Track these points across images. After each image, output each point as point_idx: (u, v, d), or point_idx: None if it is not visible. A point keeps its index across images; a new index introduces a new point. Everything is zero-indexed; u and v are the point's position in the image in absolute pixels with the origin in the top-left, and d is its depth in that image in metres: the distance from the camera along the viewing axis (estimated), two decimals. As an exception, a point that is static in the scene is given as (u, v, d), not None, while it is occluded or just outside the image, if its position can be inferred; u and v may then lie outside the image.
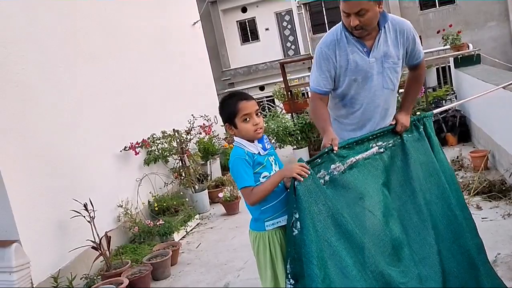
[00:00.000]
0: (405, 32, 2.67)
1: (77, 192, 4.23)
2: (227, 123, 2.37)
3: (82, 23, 5.03)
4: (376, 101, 2.71)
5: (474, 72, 6.30)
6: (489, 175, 4.85)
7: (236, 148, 2.36)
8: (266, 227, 2.35)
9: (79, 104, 4.70)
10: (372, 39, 2.63)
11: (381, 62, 2.65)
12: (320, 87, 2.73)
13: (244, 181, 2.26)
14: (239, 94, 2.43)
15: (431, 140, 2.73)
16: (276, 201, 2.34)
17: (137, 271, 3.99)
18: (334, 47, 2.65)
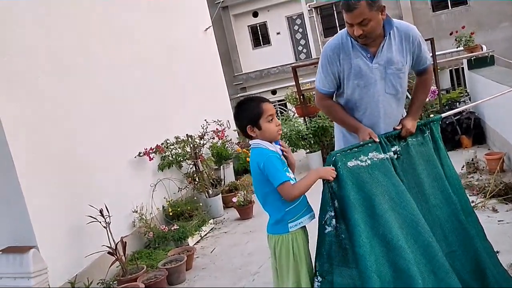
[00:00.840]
0: (410, 38, 2.69)
1: (92, 198, 4.27)
2: (250, 125, 2.38)
3: (96, 31, 5.09)
4: (379, 106, 2.73)
5: (488, 74, 6.25)
6: (505, 177, 4.80)
7: (259, 150, 2.37)
8: (290, 229, 2.36)
9: (94, 111, 4.75)
10: (377, 45, 2.66)
11: (384, 68, 2.67)
12: (325, 87, 2.83)
13: (283, 176, 2.28)
14: (259, 97, 2.54)
15: (437, 144, 2.73)
16: (298, 202, 2.38)
17: (153, 276, 4.02)
18: (339, 51, 2.70)
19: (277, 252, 2.39)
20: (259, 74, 19.92)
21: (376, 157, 2.50)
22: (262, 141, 2.39)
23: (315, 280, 2.37)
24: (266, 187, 2.37)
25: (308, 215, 2.44)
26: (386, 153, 2.57)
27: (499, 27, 16.74)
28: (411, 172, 2.62)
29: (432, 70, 3.00)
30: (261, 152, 2.35)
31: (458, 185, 2.71)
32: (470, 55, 7.24)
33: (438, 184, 2.63)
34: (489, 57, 7.05)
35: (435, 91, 6.74)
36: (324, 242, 2.38)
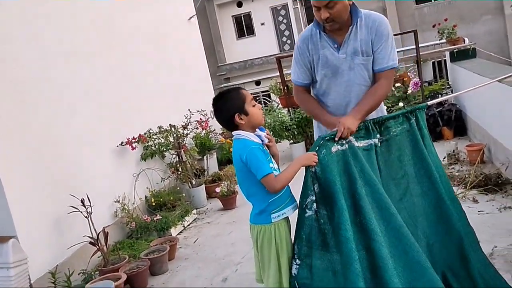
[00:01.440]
0: (375, 28, 2.62)
1: (74, 187, 4.22)
2: (238, 113, 2.35)
3: (78, 20, 5.00)
4: (347, 97, 2.71)
5: (469, 66, 6.31)
6: (485, 168, 4.87)
7: (242, 141, 2.35)
8: (273, 219, 2.36)
9: (75, 99, 4.68)
10: (343, 34, 2.65)
11: (352, 58, 2.65)
12: (300, 79, 2.84)
13: (266, 168, 2.27)
14: (234, 87, 2.54)
15: (422, 132, 2.71)
16: (281, 193, 2.38)
17: (135, 266, 4.00)
18: (308, 42, 2.72)
19: (259, 242, 2.39)
20: (243, 64, 19.84)
21: (355, 143, 2.51)
22: (245, 132, 2.37)
23: (293, 263, 2.37)
24: (249, 178, 2.35)
25: (291, 205, 2.44)
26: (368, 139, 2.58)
27: (481, 20, 16.91)
28: (395, 161, 2.63)
29: (392, 78, 2.75)
30: (244, 144, 2.33)
31: (441, 171, 2.72)
32: (453, 48, 7.30)
33: (425, 171, 2.65)
34: (471, 49, 7.12)
35: (417, 83, 6.79)
36: (304, 225, 2.39)
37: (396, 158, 2.64)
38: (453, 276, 2.55)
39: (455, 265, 2.58)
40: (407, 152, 2.66)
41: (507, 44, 16.64)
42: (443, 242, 2.59)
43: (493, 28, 16.84)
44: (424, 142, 2.70)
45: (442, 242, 2.59)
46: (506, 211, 3.88)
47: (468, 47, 7.22)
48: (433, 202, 2.62)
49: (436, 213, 2.62)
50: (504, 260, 3.07)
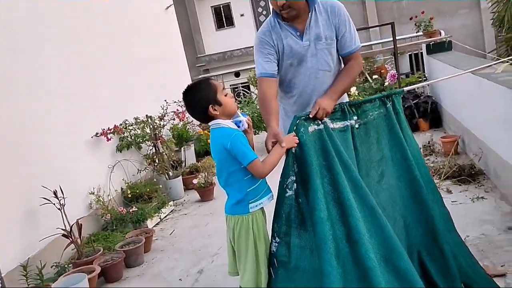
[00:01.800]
0: (335, 11, 2.64)
1: (46, 179, 4.13)
2: (211, 104, 2.32)
3: (51, 7, 4.89)
4: (312, 84, 2.70)
5: (445, 58, 6.39)
6: (459, 159, 4.93)
7: (222, 129, 2.33)
8: (250, 209, 2.35)
9: (48, 89, 4.58)
10: (303, 22, 2.64)
11: (315, 44, 2.64)
12: (265, 70, 2.68)
13: (252, 154, 2.27)
14: (201, 79, 2.50)
15: (399, 116, 2.73)
16: (259, 183, 2.37)
17: (109, 259, 3.95)
18: (270, 33, 2.68)
19: (236, 233, 2.37)
20: (222, 56, 19.70)
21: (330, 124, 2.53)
22: (223, 121, 2.35)
23: (272, 241, 2.39)
24: (231, 166, 2.33)
25: (268, 195, 2.43)
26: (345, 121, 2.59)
27: (457, 14, 17.09)
28: (374, 143, 2.66)
29: (360, 58, 2.82)
30: (226, 132, 2.30)
31: (418, 155, 2.75)
32: (429, 40, 7.38)
33: (402, 154, 2.67)
34: (447, 42, 7.20)
35: (394, 75, 6.84)
36: (284, 205, 2.41)
37: (374, 141, 2.67)
38: (428, 255, 2.60)
39: (430, 245, 2.62)
40: (384, 136, 2.68)
41: (482, 38, 16.86)
42: (419, 223, 2.63)
43: (469, 21, 17.04)
44: (400, 126, 2.72)
45: (418, 222, 2.63)
46: (479, 201, 3.94)
47: (444, 39, 7.30)
48: (409, 184, 2.65)
49: (412, 195, 2.65)
50: (476, 249, 3.12)
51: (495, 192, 4.05)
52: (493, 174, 4.21)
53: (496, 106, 3.80)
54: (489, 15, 10.63)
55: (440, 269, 2.57)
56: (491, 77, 3.88)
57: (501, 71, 3.90)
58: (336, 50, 2.72)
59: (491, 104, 3.94)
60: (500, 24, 9.75)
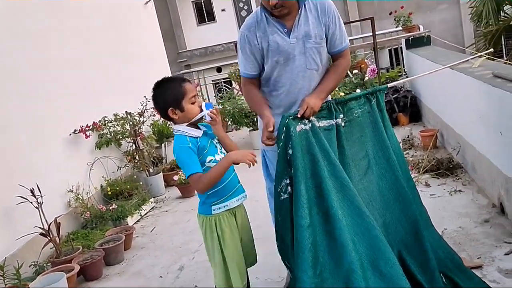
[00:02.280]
0: (325, 10, 2.59)
1: (23, 177, 4.07)
2: (172, 107, 2.27)
3: (28, 2, 4.79)
4: (299, 83, 2.62)
5: (424, 53, 6.44)
6: (438, 153, 5.00)
7: (178, 137, 2.30)
8: (213, 211, 2.33)
9: (24, 85, 4.50)
10: (292, 19, 2.57)
11: (303, 42, 2.57)
12: (247, 71, 2.68)
13: (190, 168, 2.21)
14: (179, 77, 2.41)
15: (383, 113, 2.74)
16: (223, 185, 2.33)
17: (89, 257, 3.91)
18: (255, 29, 2.59)
19: (202, 232, 2.39)
20: (204, 51, 19.60)
21: (316, 122, 2.52)
22: (181, 127, 2.30)
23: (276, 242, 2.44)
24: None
25: (237, 197, 2.39)
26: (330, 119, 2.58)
27: (437, 9, 17.27)
28: (357, 142, 2.66)
29: (349, 56, 2.81)
30: (178, 141, 2.27)
31: (399, 152, 2.77)
32: (408, 35, 7.43)
33: (384, 153, 2.68)
34: (425, 37, 7.25)
35: (374, 70, 6.88)
36: (281, 209, 2.43)
37: (358, 139, 2.67)
38: (408, 253, 2.62)
39: (410, 242, 2.65)
40: (367, 133, 2.68)
41: (461, 32, 17.07)
42: (399, 221, 2.66)
43: (449, 16, 17.24)
44: (384, 123, 2.73)
45: (397, 220, 2.66)
46: (456, 195, 3.99)
47: (423, 34, 7.36)
48: (390, 183, 2.67)
49: (392, 193, 2.67)
50: (453, 242, 3.17)
51: (472, 185, 4.11)
52: (470, 168, 4.27)
53: (473, 100, 3.85)
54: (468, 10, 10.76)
55: (420, 264, 2.60)
56: (468, 72, 3.92)
57: (478, 65, 3.95)
58: (325, 49, 2.67)
59: (468, 99, 3.99)
60: (479, 18, 9.89)
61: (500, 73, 3.41)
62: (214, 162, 2.30)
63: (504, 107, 3.13)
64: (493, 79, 3.41)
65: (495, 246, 3.04)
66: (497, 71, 3.50)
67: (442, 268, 2.65)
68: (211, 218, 2.34)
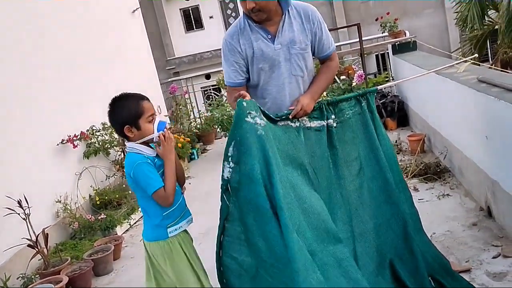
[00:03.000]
0: (310, 16, 2.60)
1: (10, 188, 4.02)
2: (128, 125, 2.20)
3: (12, 10, 4.76)
4: (286, 89, 2.62)
5: (410, 58, 6.50)
6: (425, 157, 5.03)
7: (131, 155, 2.23)
8: (169, 234, 2.26)
9: (11, 95, 4.47)
10: (275, 24, 2.56)
11: (288, 48, 2.57)
12: (231, 79, 2.65)
13: (155, 183, 2.16)
14: (138, 94, 2.31)
15: (373, 114, 2.75)
16: (175, 207, 2.28)
17: (77, 268, 3.88)
18: (238, 36, 2.58)
19: (167, 257, 2.26)
20: (192, 58, 19.62)
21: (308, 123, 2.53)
22: (137, 145, 2.23)
23: (225, 166, 2.24)
24: (139, 193, 2.26)
25: (187, 219, 2.36)
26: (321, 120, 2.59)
27: (423, 14, 17.48)
28: (349, 143, 2.67)
29: (337, 58, 2.85)
30: (131, 159, 2.20)
31: (391, 154, 2.77)
32: (394, 41, 7.49)
33: (374, 154, 2.69)
34: (411, 42, 7.32)
35: (362, 75, 6.91)
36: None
37: (350, 140, 2.68)
38: (399, 259, 2.63)
39: (400, 247, 2.66)
40: (358, 135, 2.70)
41: (447, 37, 17.29)
42: (389, 224, 2.66)
43: (435, 21, 17.45)
44: (374, 124, 2.74)
45: (388, 223, 2.66)
46: (444, 199, 4.02)
47: (409, 40, 7.42)
48: (381, 185, 2.67)
49: (383, 196, 2.67)
50: (442, 246, 3.18)
51: (459, 189, 4.14)
52: (457, 172, 4.30)
53: (458, 105, 3.89)
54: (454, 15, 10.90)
55: (410, 270, 2.61)
56: (453, 77, 3.96)
57: (463, 70, 3.99)
58: (310, 55, 2.67)
59: (454, 103, 4.03)
60: (464, 23, 10.02)
61: (484, 78, 3.45)
62: None
63: (489, 112, 3.16)
64: (478, 84, 3.45)
65: (483, 249, 3.06)
66: (482, 76, 3.54)
67: (431, 272, 2.66)
68: (172, 240, 2.26)
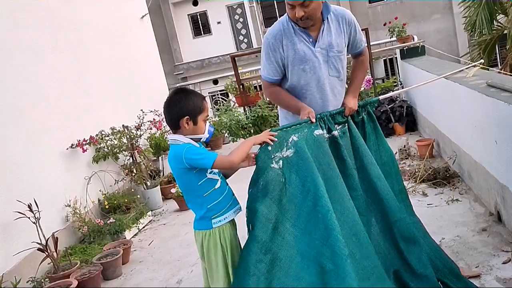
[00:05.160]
0: (346, 20, 2.80)
1: (21, 192, 4.06)
2: (188, 116, 2.29)
3: (25, 16, 4.83)
4: (325, 89, 2.79)
5: (418, 63, 6.48)
6: (434, 162, 5.01)
7: (176, 147, 2.30)
8: (214, 224, 2.34)
9: (21, 99, 4.51)
10: (317, 30, 2.73)
11: (327, 51, 2.75)
12: (270, 76, 2.84)
13: (210, 155, 2.25)
14: (201, 94, 2.47)
15: (374, 123, 2.86)
16: (221, 197, 2.36)
17: (87, 272, 3.89)
18: (281, 37, 2.73)
19: (205, 247, 2.36)
20: (200, 63, 19.71)
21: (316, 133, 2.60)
22: (183, 137, 2.31)
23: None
24: (186, 184, 2.34)
25: (234, 209, 2.43)
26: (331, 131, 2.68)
27: (431, 18, 17.45)
28: (350, 153, 2.71)
29: (367, 51, 3.12)
30: (179, 149, 2.27)
31: (392, 163, 2.84)
32: (403, 45, 7.49)
33: (372, 166, 2.71)
34: (420, 47, 7.31)
35: (370, 80, 6.93)
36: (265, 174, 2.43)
37: (350, 150, 2.72)
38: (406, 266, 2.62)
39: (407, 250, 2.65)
40: (360, 144, 2.73)
41: (456, 41, 17.23)
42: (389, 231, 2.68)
43: (443, 26, 17.41)
44: (376, 133, 2.84)
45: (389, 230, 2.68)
46: (454, 204, 4.00)
47: (417, 45, 7.41)
48: (382, 193, 2.67)
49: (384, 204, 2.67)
50: (451, 251, 3.17)
51: (469, 194, 4.12)
52: (467, 177, 4.28)
53: (467, 109, 3.87)
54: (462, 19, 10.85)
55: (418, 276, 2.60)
56: (463, 81, 3.95)
57: (472, 75, 3.98)
58: (345, 56, 2.86)
59: (463, 108, 4.01)
60: (472, 28, 9.97)
61: (494, 83, 3.44)
62: (213, 173, 2.34)
63: (498, 116, 3.15)
64: (487, 88, 3.44)
65: (493, 254, 3.04)
66: (491, 80, 3.53)
67: (439, 276, 2.67)
68: (214, 231, 2.34)
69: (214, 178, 2.34)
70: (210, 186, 2.32)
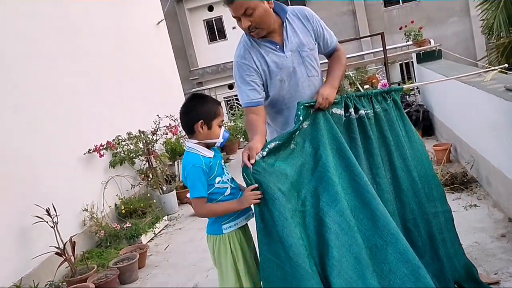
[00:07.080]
0: (307, 17, 2.63)
1: (39, 197, 4.12)
2: (203, 120, 2.31)
3: (43, 23, 4.92)
4: (306, 93, 2.61)
5: (435, 67, 6.43)
6: (452, 167, 4.95)
7: (190, 155, 2.32)
8: (224, 230, 2.35)
9: (40, 105, 4.59)
10: (279, 34, 2.56)
11: (298, 52, 2.58)
12: (250, 99, 2.55)
13: (198, 191, 2.25)
14: (215, 99, 2.47)
15: (400, 111, 2.76)
16: None
17: (103, 276, 3.93)
18: (250, 54, 2.54)
19: (216, 252, 2.38)
20: (215, 68, 19.79)
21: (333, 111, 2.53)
22: (198, 146, 2.33)
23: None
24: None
25: (245, 216, 2.42)
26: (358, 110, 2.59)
27: (448, 22, 17.29)
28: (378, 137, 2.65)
29: (342, 48, 2.84)
30: (190, 159, 2.30)
31: (421, 150, 2.74)
32: (419, 49, 7.43)
33: (400, 152, 2.66)
34: (436, 51, 7.25)
35: (385, 85, 6.87)
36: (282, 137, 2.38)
37: (378, 134, 2.65)
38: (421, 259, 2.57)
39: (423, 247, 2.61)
40: (384, 131, 2.66)
41: (473, 45, 17.04)
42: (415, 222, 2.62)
43: (460, 29, 17.23)
44: (403, 121, 2.75)
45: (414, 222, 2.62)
46: (472, 209, 3.95)
47: (434, 48, 7.35)
48: (406, 183, 2.63)
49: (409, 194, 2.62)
50: (470, 257, 3.09)
51: (487, 199, 4.06)
52: (485, 182, 4.22)
53: (485, 114, 3.83)
54: (479, 22, 10.74)
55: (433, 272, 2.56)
56: (480, 85, 3.91)
57: (490, 79, 3.94)
58: (317, 53, 2.71)
59: (481, 112, 3.97)
60: (490, 31, 9.85)
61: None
62: (222, 182, 2.34)
63: (517, 121, 3.11)
64: (506, 92, 3.40)
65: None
66: (510, 84, 3.49)
67: (457, 278, 2.63)
68: (224, 237, 2.35)
69: (223, 187, 2.35)
70: (219, 195, 2.34)
